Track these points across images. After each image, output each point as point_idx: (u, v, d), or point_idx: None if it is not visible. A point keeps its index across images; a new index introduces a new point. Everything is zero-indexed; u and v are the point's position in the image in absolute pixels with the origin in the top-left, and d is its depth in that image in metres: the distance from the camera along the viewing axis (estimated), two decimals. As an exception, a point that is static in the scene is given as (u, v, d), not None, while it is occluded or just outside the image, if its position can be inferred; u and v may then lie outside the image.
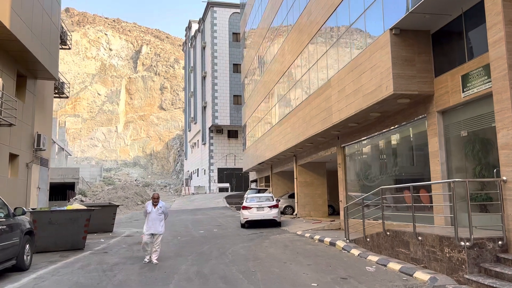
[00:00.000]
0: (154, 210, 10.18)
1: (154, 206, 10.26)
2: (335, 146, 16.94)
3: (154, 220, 10.12)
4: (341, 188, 16.46)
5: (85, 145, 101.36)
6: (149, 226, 10.09)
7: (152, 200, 10.33)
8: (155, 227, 10.09)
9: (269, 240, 14.09)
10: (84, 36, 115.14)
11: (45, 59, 18.19)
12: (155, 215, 10.14)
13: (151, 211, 10.17)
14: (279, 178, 28.35)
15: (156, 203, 10.26)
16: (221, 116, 47.33)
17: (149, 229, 10.10)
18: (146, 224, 10.18)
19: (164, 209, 10.34)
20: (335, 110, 14.01)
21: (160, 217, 10.21)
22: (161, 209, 10.24)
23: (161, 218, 10.24)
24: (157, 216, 10.15)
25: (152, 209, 10.20)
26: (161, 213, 10.22)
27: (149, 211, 10.18)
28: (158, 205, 10.25)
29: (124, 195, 34.95)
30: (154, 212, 10.16)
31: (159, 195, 10.54)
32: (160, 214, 10.20)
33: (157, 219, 10.14)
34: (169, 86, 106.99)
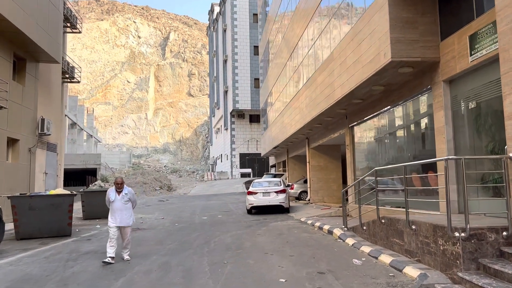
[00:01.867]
0: (118, 198, 8.50)
1: (118, 194, 8.56)
2: (344, 126, 15.62)
3: (120, 210, 8.46)
4: (349, 171, 15.19)
5: (116, 132, 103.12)
6: (114, 217, 8.44)
7: (115, 186, 8.61)
8: (121, 219, 8.44)
9: (266, 228, 13.08)
10: (113, 24, 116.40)
11: (42, 40, 17.65)
12: (120, 204, 8.48)
13: (115, 199, 8.49)
14: (295, 163, 27.18)
15: (120, 189, 8.55)
16: (242, 100, 46.29)
17: (114, 221, 8.44)
18: (110, 215, 8.54)
19: (131, 196, 8.66)
20: (337, 85, 12.71)
21: (126, 205, 8.55)
22: (126, 196, 8.55)
23: (128, 207, 8.61)
24: (122, 205, 8.49)
25: (116, 197, 8.51)
26: (127, 201, 8.55)
27: (112, 200, 8.50)
28: (122, 191, 8.55)
29: (142, 180, 34.78)
30: (119, 200, 8.49)
31: (123, 180, 8.74)
32: (126, 202, 8.54)
33: (124, 209, 8.49)
34: (196, 73, 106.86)
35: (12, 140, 17.41)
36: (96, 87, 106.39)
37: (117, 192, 8.57)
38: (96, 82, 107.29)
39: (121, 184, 8.58)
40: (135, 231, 13.27)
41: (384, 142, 12.57)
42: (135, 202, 8.92)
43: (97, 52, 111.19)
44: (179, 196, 31.54)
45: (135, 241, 11.04)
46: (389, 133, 12.23)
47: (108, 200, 8.56)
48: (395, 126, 11.78)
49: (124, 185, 8.67)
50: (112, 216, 8.50)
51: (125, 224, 8.52)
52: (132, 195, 8.74)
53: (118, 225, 8.42)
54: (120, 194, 8.56)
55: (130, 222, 8.60)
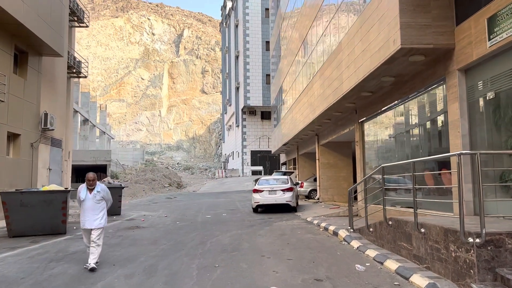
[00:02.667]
0: (89, 197, 7.42)
1: (89, 191, 7.47)
2: (354, 122, 14.85)
3: (91, 209, 7.39)
4: (359, 169, 14.42)
5: (130, 129, 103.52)
6: (85, 218, 7.41)
7: (86, 182, 7.49)
8: (91, 220, 7.37)
9: (269, 227, 12.42)
10: (128, 21, 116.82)
11: (44, 33, 17.27)
12: (92, 203, 7.41)
13: (86, 197, 7.42)
14: (306, 160, 26.42)
15: (92, 186, 7.47)
16: (253, 97, 45.57)
17: (84, 223, 7.42)
18: (81, 216, 7.50)
19: (104, 193, 7.58)
20: (345, 77, 11.96)
21: (99, 205, 7.48)
22: (99, 194, 7.48)
23: (101, 206, 7.53)
24: (94, 204, 7.43)
25: (87, 195, 7.43)
26: (99, 200, 7.49)
27: (83, 198, 7.42)
28: (95, 189, 7.48)
29: (151, 177, 34.45)
30: (90, 199, 7.42)
31: (95, 176, 7.60)
32: (98, 201, 7.47)
33: (95, 209, 7.43)
34: (210, 70, 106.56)
35: (13, 135, 17.09)
36: (110, 84, 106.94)
37: (88, 190, 7.49)
38: (111, 79, 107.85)
39: (92, 181, 7.48)
40: (133, 229, 12.78)
41: (396, 138, 11.78)
42: (110, 201, 7.81)
43: (112, 49, 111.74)
44: (188, 194, 31.07)
45: (129, 240, 10.53)
46: (401, 128, 11.44)
47: (78, 198, 7.51)
48: (407, 120, 10.98)
49: (97, 181, 7.64)
50: (82, 217, 7.47)
51: (95, 225, 7.38)
52: (106, 193, 7.64)
53: (88, 227, 7.39)
54: (91, 192, 7.47)
55: (101, 224, 7.48)
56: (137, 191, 30.49)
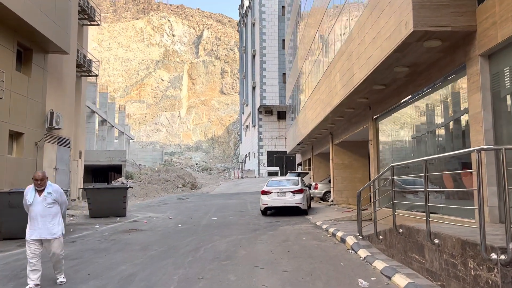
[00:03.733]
0: (38, 200, 5.99)
1: (38, 193, 6.03)
2: (368, 119, 13.82)
3: (42, 215, 5.95)
4: (373, 169, 13.38)
5: (150, 130, 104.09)
6: (33, 226, 5.97)
7: (34, 182, 6.03)
8: (43, 228, 5.95)
9: (273, 232, 11.53)
10: (148, 23, 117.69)
11: (47, 29, 16.80)
12: (42, 208, 5.97)
13: (34, 201, 5.99)
14: (321, 161, 25.38)
15: (41, 187, 6.02)
16: (270, 96, 44.66)
17: (32, 233, 5.97)
18: (28, 225, 6.04)
19: (57, 196, 6.14)
20: (356, 69, 10.98)
21: (51, 209, 6.05)
22: (50, 196, 6.05)
23: (54, 211, 6.11)
24: (44, 209, 5.98)
25: (36, 198, 6.00)
26: (51, 203, 6.06)
27: (30, 202, 6.02)
28: (45, 190, 6.05)
29: (165, 177, 33.95)
30: (39, 202, 5.98)
31: (45, 175, 6.11)
32: (50, 205, 6.04)
33: (47, 214, 5.99)
34: (229, 70, 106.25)
35: (16, 134, 16.68)
36: (131, 85, 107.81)
37: (37, 192, 6.04)
38: (131, 80, 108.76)
39: (41, 181, 6.00)
40: (130, 232, 12.09)
41: (413, 136, 10.72)
42: (65, 205, 6.40)
43: (132, 50, 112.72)
44: (201, 195, 30.41)
45: (120, 245, 9.81)
46: (418, 124, 10.38)
47: (25, 202, 6.11)
48: (425, 116, 9.92)
49: (48, 181, 6.19)
50: (30, 225, 6.02)
51: (49, 235, 6.01)
52: (59, 194, 6.20)
53: (39, 237, 5.95)
54: (41, 194, 6.03)
55: (57, 232, 6.10)
56: (150, 192, 30.01)
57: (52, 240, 6.07)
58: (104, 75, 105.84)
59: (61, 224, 6.26)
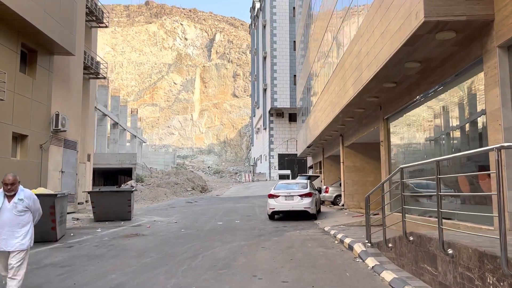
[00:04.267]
0: (7, 207, 5.20)
1: (8, 199, 5.23)
2: (379, 119, 13.21)
3: (9, 224, 5.19)
4: (384, 172, 12.76)
5: (163, 133, 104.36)
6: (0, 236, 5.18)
7: (3, 187, 5.24)
8: (9, 238, 5.16)
9: (278, 238, 10.99)
10: (161, 27, 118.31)
11: (52, 30, 16.59)
12: (11, 216, 5.20)
13: (2, 207, 5.19)
14: (332, 164, 24.74)
15: (12, 192, 5.24)
16: (281, 98, 44.11)
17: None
18: None
19: (29, 203, 5.35)
20: (365, 66, 10.41)
21: (21, 218, 5.26)
22: (22, 203, 5.26)
23: (25, 220, 5.32)
24: (14, 217, 5.22)
25: (4, 205, 5.20)
26: (22, 211, 5.27)
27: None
28: (15, 196, 5.26)
29: (174, 180, 33.63)
30: (8, 209, 5.19)
31: (16, 179, 5.28)
32: (21, 213, 5.25)
33: (15, 224, 5.22)
34: (241, 73, 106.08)
35: (20, 136, 16.47)
36: (144, 89, 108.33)
37: (7, 197, 5.24)
38: (144, 84, 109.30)
39: (12, 185, 5.21)
40: (131, 237, 11.67)
41: (426, 136, 10.11)
42: (39, 213, 5.62)
43: (145, 54, 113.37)
44: (210, 198, 30.00)
45: (116, 251, 9.38)
46: (432, 124, 9.77)
47: None
48: (439, 114, 9.31)
49: (20, 186, 5.39)
50: None
51: (14, 247, 5.16)
52: (32, 201, 5.41)
53: (3, 248, 5.15)
54: (11, 200, 5.24)
55: (24, 244, 5.25)
56: (159, 195, 29.69)
57: (16, 253, 5.19)
58: (117, 79, 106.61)
59: (30, 235, 5.39)
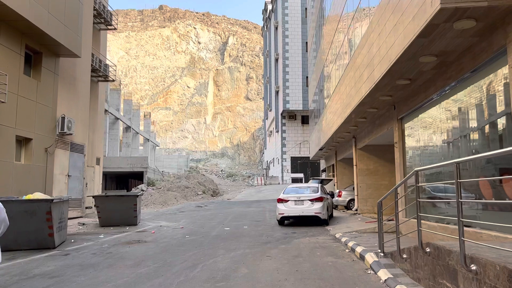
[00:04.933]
0: None
1: None
2: (392, 119, 12.51)
3: None
4: (398, 175, 12.04)
5: (176, 137, 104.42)
6: None
7: None
8: None
9: (286, 246, 10.36)
10: (175, 31, 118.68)
11: (56, 31, 16.29)
12: None
13: None
14: (345, 167, 23.99)
15: None
16: (293, 100, 43.43)
17: None
18: None
19: None
20: (376, 62, 9.76)
21: None
22: None
23: None
24: None
25: None
26: None
27: None
28: None
29: (185, 184, 33.21)
30: None
31: None
32: None
33: None
34: (254, 76, 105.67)
35: (25, 139, 16.19)
36: (158, 92, 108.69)
37: None
38: (158, 87, 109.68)
39: None
40: (132, 244, 11.19)
41: (444, 137, 9.39)
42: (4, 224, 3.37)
43: (159, 58, 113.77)
44: (220, 202, 29.47)
45: (113, 259, 8.88)
46: (449, 123, 9.06)
47: None
48: (457, 114, 8.60)
49: None
50: None
51: None
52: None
53: None
54: None
55: None
56: (169, 199, 29.27)
57: None
58: (131, 83, 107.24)
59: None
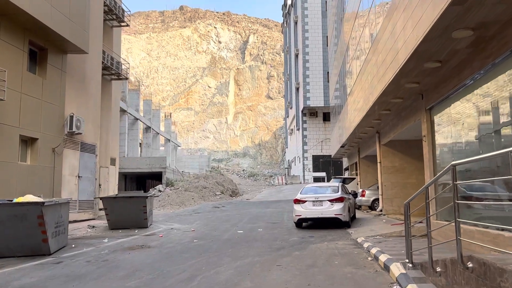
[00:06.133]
0: None
1: None
2: (420, 110, 11.22)
3: None
4: (428, 172, 10.76)
5: (198, 137, 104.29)
6: None
7: None
8: None
9: (300, 253, 9.24)
10: (195, 31, 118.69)
11: (60, 26, 15.62)
12: None
13: None
14: (369, 165, 22.61)
15: None
16: (314, 97, 42.03)
17: None
18: None
19: None
20: (401, 43, 8.53)
21: None
22: None
23: None
24: None
25: None
26: None
27: None
28: None
29: (203, 184, 32.40)
30: None
31: None
32: None
33: None
34: (275, 74, 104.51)
35: (31, 139, 15.57)
36: (179, 93, 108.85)
37: None
38: (179, 88, 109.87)
39: None
40: (133, 250, 10.29)
41: (484, 128, 8.09)
42: None
43: (180, 59, 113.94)
44: (238, 202, 28.50)
45: (106, 269, 7.97)
46: (488, 112, 7.76)
47: None
48: (501, 99, 7.30)
49: None
50: None
51: None
52: None
53: None
54: None
55: None
56: (186, 200, 28.51)
57: None
58: (153, 84, 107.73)
59: None
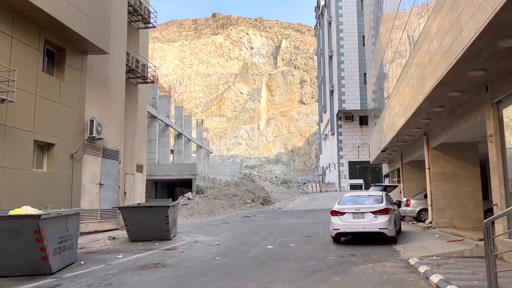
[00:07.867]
0: None
1: None
2: (483, 105, 9.35)
3: None
4: (495, 180, 8.85)
5: (230, 144, 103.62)
6: None
7: None
8: None
9: (340, 278, 7.58)
10: (227, 37, 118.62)
11: (78, 24, 14.66)
12: None
13: None
14: (413, 171, 20.54)
15: None
16: (349, 100, 39.94)
17: None
18: None
19: None
20: (466, 18, 6.79)
21: None
22: None
23: None
24: None
25: None
26: None
27: None
28: None
29: (233, 192, 31.01)
30: None
31: None
32: None
33: None
34: (308, 79, 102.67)
35: (47, 145, 14.63)
36: (211, 100, 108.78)
37: None
38: (211, 95, 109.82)
39: None
40: (145, 269, 8.92)
41: None
42: None
43: (212, 66, 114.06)
44: (270, 211, 26.91)
45: (104, 296, 6.60)
46: None
47: None
48: None
49: None
50: None
51: None
52: None
53: None
54: None
55: None
56: (215, 208, 27.19)
57: None
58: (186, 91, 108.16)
59: None
